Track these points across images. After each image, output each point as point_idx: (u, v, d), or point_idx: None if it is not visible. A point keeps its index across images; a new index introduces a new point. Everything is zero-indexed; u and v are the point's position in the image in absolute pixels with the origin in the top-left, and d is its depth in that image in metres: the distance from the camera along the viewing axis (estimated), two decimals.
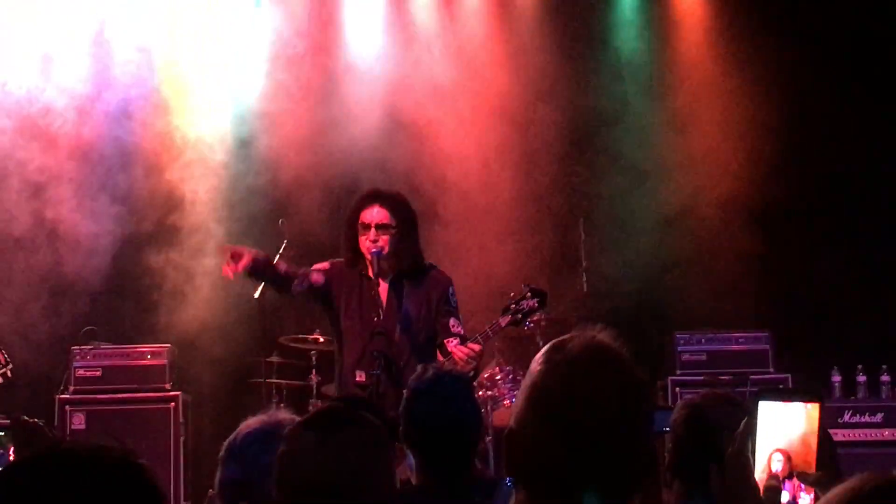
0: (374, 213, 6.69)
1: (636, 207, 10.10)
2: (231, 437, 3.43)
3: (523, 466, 2.21)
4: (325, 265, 6.89)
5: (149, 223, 10.16)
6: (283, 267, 6.84)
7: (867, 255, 9.91)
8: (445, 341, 6.73)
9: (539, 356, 2.27)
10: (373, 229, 6.66)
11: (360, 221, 6.71)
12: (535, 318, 7.18)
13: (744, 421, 2.59)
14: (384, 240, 6.67)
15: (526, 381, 2.25)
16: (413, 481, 4.09)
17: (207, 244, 9.98)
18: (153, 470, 1.90)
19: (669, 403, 8.75)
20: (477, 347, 6.60)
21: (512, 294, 7.12)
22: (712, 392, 3.48)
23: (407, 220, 6.77)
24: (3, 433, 4.85)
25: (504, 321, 6.97)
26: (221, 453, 3.41)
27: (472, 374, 6.63)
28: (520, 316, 7.03)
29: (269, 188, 10.08)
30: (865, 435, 8.99)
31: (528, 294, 7.10)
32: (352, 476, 2.78)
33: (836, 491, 1.82)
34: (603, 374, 2.20)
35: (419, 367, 4.41)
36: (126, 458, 1.87)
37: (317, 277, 6.80)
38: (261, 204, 10.00)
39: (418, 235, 6.85)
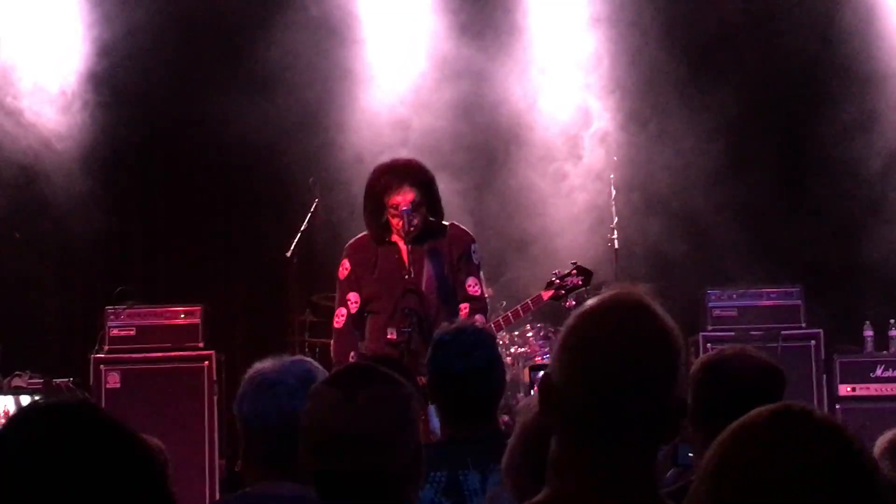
0: (404, 197, 6.58)
1: (666, 163, 10.06)
2: None
3: (556, 411, 2.24)
4: (346, 267, 6.90)
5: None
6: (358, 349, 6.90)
7: None
8: (460, 306, 6.77)
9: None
10: (406, 215, 6.58)
11: (389, 203, 6.64)
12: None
13: None
14: (418, 220, 6.65)
15: (561, 332, 2.30)
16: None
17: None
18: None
19: None
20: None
21: (557, 270, 7.21)
22: (729, 346, 3.55)
23: (431, 189, 6.75)
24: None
25: (546, 295, 7.10)
26: None
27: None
28: (563, 292, 7.17)
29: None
30: None
31: (574, 272, 7.21)
32: (377, 433, 2.80)
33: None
34: (628, 320, 2.22)
35: (443, 323, 4.45)
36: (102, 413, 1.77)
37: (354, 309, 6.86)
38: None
39: (439, 196, 6.84)
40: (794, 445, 1.70)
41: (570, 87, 10.27)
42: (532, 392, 7.08)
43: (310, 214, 8.84)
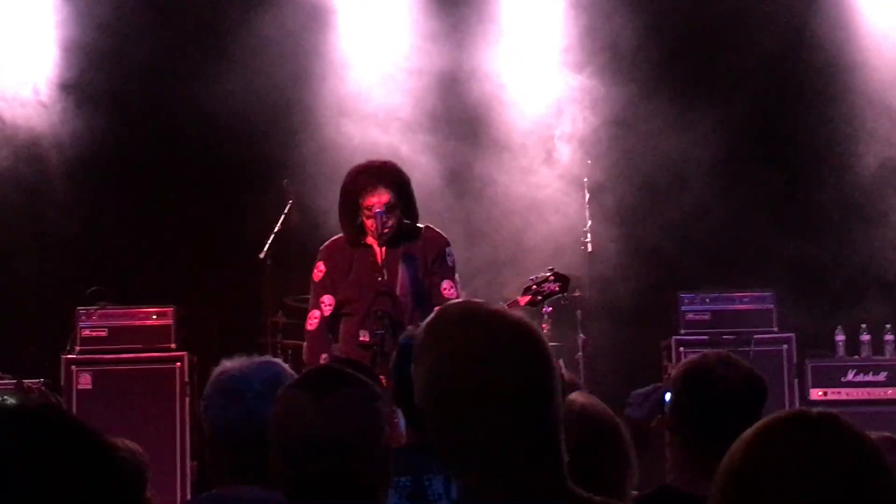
0: (378, 198, 6.59)
1: (641, 166, 10.06)
2: None
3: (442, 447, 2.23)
4: (320, 269, 6.88)
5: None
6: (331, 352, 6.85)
7: (872, 215, 9.89)
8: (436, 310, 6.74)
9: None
10: (380, 217, 6.58)
11: (363, 205, 6.65)
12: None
13: None
14: (392, 222, 6.64)
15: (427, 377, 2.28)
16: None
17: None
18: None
19: (673, 363, 8.77)
20: None
21: (534, 276, 7.22)
22: (710, 351, 3.57)
23: (406, 191, 6.75)
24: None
25: (523, 300, 7.09)
26: None
27: None
28: (539, 297, 7.15)
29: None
30: (869, 394, 9.03)
31: (551, 277, 7.21)
32: (346, 435, 2.79)
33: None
34: (468, 328, 2.29)
35: (409, 326, 4.42)
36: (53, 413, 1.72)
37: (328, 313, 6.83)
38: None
39: (415, 199, 6.83)
40: (820, 449, 1.76)
41: (546, 86, 10.26)
42: None
43: (283, 216, 8.82)
